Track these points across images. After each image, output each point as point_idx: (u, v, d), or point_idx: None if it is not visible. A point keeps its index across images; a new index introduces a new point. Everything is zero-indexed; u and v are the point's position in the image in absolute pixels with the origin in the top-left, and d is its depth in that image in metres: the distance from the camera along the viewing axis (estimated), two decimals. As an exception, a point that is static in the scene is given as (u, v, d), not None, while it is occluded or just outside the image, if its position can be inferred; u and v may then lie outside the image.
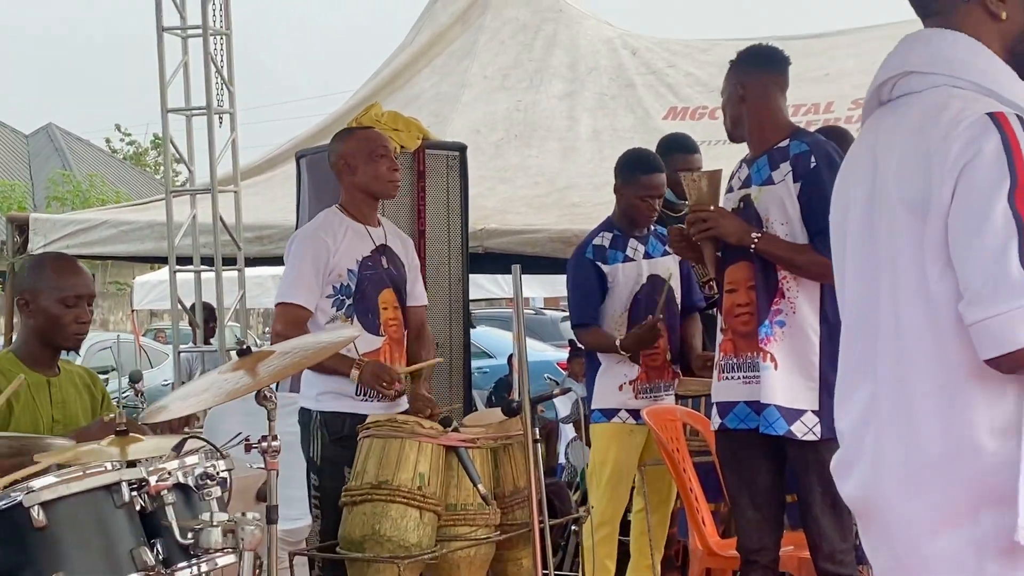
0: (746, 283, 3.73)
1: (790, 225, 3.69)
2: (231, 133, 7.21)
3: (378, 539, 3.62)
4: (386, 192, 4.24)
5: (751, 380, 3.69)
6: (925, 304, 1.86)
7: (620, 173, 4.84)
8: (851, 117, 6.68)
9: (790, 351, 3.66)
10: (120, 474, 2.53)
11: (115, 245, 7.50)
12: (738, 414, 3.72)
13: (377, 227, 4.24)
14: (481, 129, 7.62)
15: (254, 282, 11.57)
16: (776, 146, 3.74)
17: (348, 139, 4.28)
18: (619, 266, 4.78)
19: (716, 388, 3.81)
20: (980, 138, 1.79)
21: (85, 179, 27.57)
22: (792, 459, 3.70)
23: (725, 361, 3.76)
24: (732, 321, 3.76)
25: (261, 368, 2.86)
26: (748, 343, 3.71)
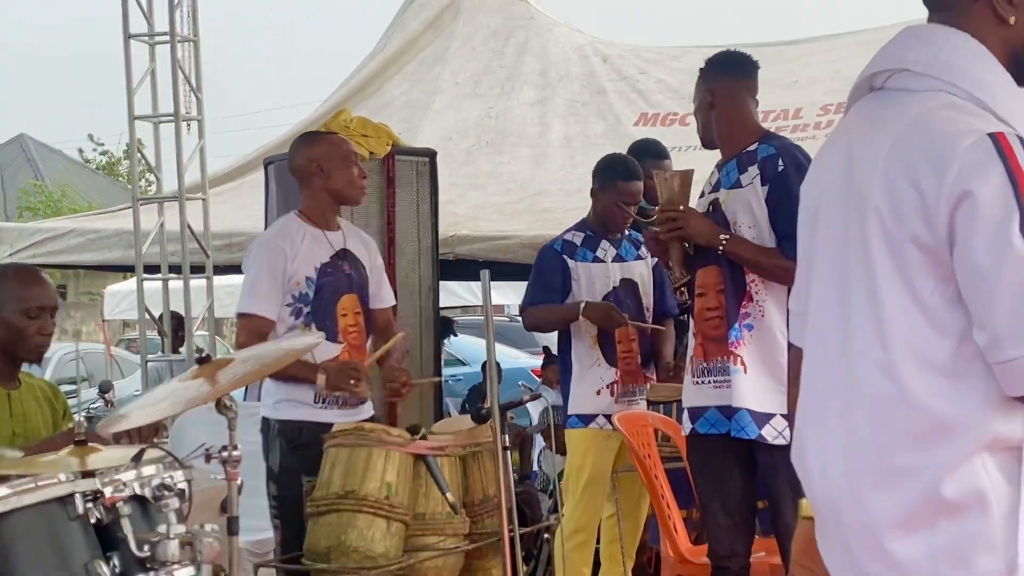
0: (715, 287, 3.71)
1: (758, 228, 3.68)
2: (199, 140, 7.15)
3: (344, 550, 3.56)
4: (357, 198, 4.22)
5: (721, 385, 3.67)
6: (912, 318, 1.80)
7: (599, 177, 4.83)
8: (820, 123, 6.69)
9: (759, 354, 3.64)
10: (74, 485, 2.47)
11: (83, 254, 7.42)
12: (709, 419, 3.70)
13: (336, 231, 4.17)
14: (452, 136, 7.59)
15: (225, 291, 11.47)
16: (745, 150, 3.74)
17: (319, 142, 4.22)
18: (587, 265, 4.77)
19: (687, 393, 3.79)
20: (985, 164, 1.72)
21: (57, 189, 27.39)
22: (762, 464, 3.67)
23: (696, 366, 3.74)
24: (702, 325, 3.74)
25: (221, 376, 2.81)
26: (718, 347, 3.69)
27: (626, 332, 4.76)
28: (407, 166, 5.51)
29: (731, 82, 3.77)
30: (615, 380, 4.72)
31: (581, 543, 4.74)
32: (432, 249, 5.61)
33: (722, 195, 3.75)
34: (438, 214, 5.64)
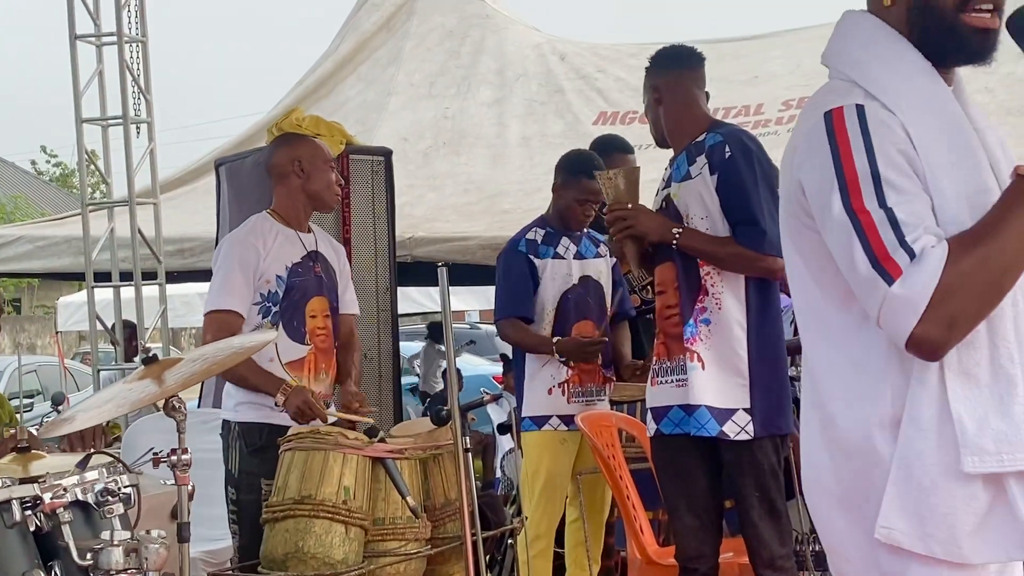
0: (673, 283, 3.64)
1: (711, 219, 3.61)
2: (149, 143, 7.00)
3: (302, 556, 3.45)
4: (332, 203, 4.18)
5: (683, 383, 3.59)
6: (817, 298, 1.93)
7: (561, 173, 4.75)
8: (781, 118, 6.65)
9: (717, 349, 3.56)
10: (10, 491, 2.35)
11: (31, 261, 7.27)
12: (672, 418, 3.63)
13: (308, 233, 4.10)
14: (409, 137, 7.50)
15: (180, 300, 11.32)
16: (694, 141, 3.68)
17: (301, 143, 4.15)
18: (548, 261, 4.68)
19: (651, 393, 3.71)
20: (814, 147, 1.84)
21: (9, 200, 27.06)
22: (727, 462, 3.60)
23: (659, 365, 3.67)
24: (663, 323, 3.68)
25: (168, 376, 2.69)
26: (679, 345, 3.61)
27: (586, 329, 4.68)
28: (362, 165, 5.42)
29: (675, 76, 3.72)
30: (567, 379, 4.64)
31: (542, 550, 4.65)
32: (389, 250, 5.52)
33: (673, 189, 3.68)
34: (394, 214, 5.55)
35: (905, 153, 1.79)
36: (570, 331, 4.65)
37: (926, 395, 1.78)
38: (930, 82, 1.86)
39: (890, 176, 1.77)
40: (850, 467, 1.86)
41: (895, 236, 1.75)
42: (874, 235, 1.76)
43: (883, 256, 1.75)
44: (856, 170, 1.79)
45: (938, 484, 1.77)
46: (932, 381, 1.78)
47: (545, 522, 4.68)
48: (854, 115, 1.82)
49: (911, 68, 1.86)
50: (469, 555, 3.41)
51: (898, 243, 1.74)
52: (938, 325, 1.72)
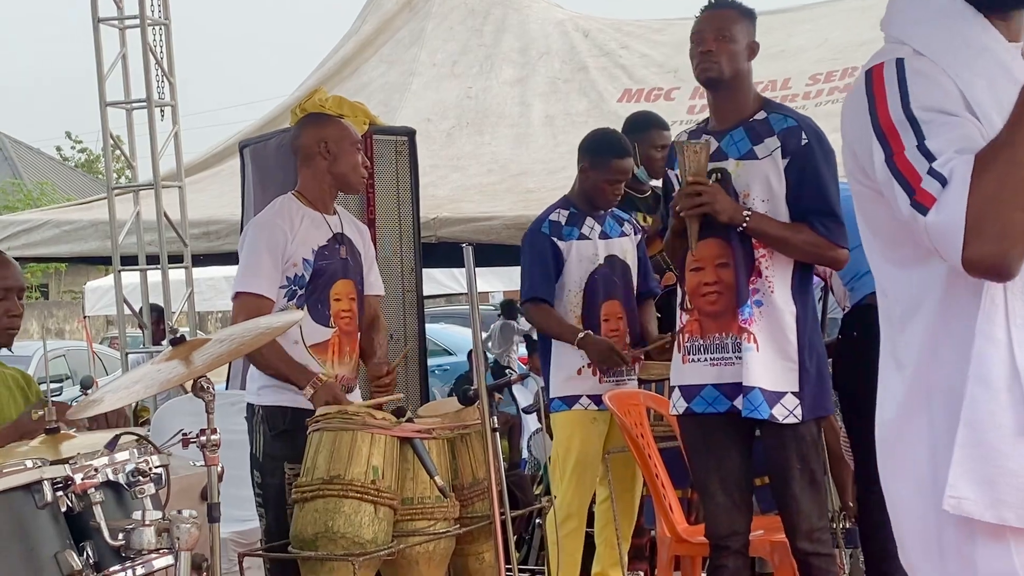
0: (714, 261, 3.59)
1: (772, 202, 3.57)
2: (173, 127, 7.01)
3: (331, 536, 3.45)
4: (358, 186, 4.12)
5: (718, 362, 3.57)
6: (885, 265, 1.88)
7: (588, 154, 4.69)
8: (808, 93, 6.60)
9: (769, 331, 3.54)
10: (41, 472, 2.34)
11: (58, 246, 7.29)
12: (705, 398, 3.59)
13: (333, 215, 4.06)
14: (432, 117, 7.47)
15: (207, 283, 11.36)
16: (753, 118, 3.61)
17: (328, 124, 4.09)
18: (573, 243, 4.65)
19: (680, 371, 3.67)
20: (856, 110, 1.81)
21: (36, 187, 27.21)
22: (767, 440, 3.58)
23: (691, 343, 3.62)
24: (698, 301, 3.62)
25: (196, 357, 2.68)
26: (716, 323, 3.58)
27: (613, 309, 4.65)
28: (386, 146, 5.39)
29: (755, 45, 3.64)
30: None
31: (573, 530, 4.64)
32: (414, 230, 5.50)
33: (731, 165, 3.60)
34: (419, 194, 5.53)
35: (947, 95, 1.73)
36: (598, 312, 4.63)
37: (995, 353, 1.71)
38: (984, 38, 1.79)
39: (925, 116, 1.72)
40: (915, 431, 1.80)
41: (927, 167, 1.69)
42: (910, 172, 1.71)
43: (918, 190, 1.69)
44: (891, 118, 1.74)
45: (1011, 445, 1.69)
46: (1000, 337, 1.71)
47: (576, 502, 4.67)
48: (892, 68, 1.77)
49: (963, 25, 1.80)
50: (498, 534, 3.41)
51: (928, 173, 1.68)
52: (987, 240, 1.63)
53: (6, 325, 3.21)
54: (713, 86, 3.63)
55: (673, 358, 3.72)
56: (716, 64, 3.57)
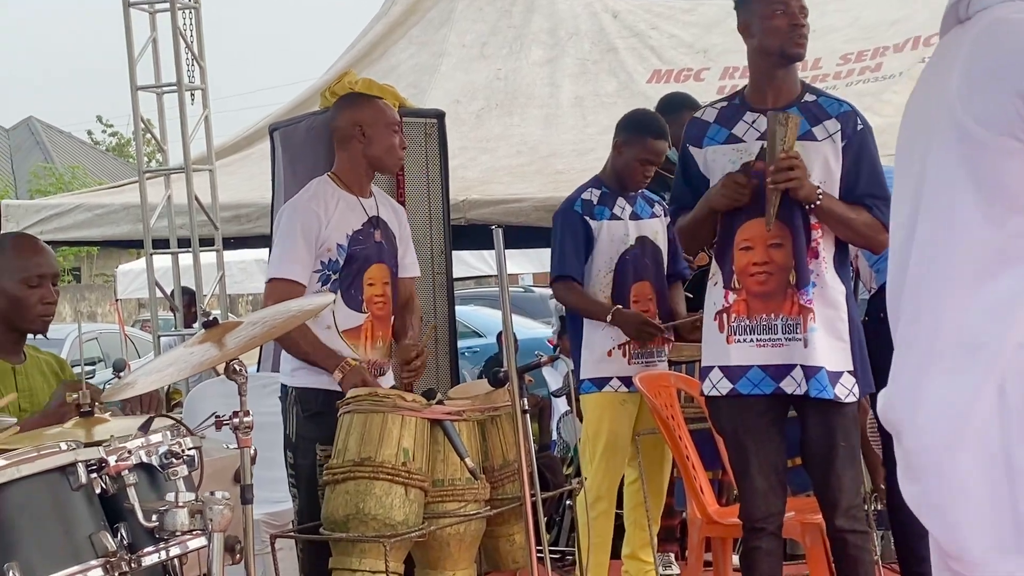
0: (765, 241, 3.57)
1: (828, 185, 3.57)
2: (204, 110, 7.03)
3: (362, 518, 3.47)
4: (394, 168, 4.14)
5: (765, 343, 3.56)
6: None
7: (624, 131, 4.68)
8: (839, 73, 6.55)
9: (826, 312, 3.57)
10: (75, 454, 2.36)
11: (90, 229, 7.33)
12: (751, 379, 3.57)
13: (369, 198, 4.04)
14: (461, 99, 7.46)
15: (237, 266, 11.41)
16: (804, 99, 3.62)
17: (365, 105, 4.06)
18: (604, 223, 4.64)
19: (723, 351, 3.61)
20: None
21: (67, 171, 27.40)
22: (810, 419, 3.58)
23: (737, 323, 3.59)
24: (746, 280, 3.59)
25: (228, 340, 2.70)
26: (764, 304, 3.57)
27: (644, 291, 4.65)
28: (415, 128, 5.39)
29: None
30: (627, 340, 4.61)
31: (603, 512, 4.65)
32: (443, 213, 5.50)
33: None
34: (448, 176, 5.52)
35: None
36: (628, 293, 4.62)
37: None
38: None
39: None
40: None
41: None
42: None
43: None
44: None
45: None
46: None
47: (606, 483, 4.67)
48: None
49: None
50: (528, 516, 3.41)
51: None
52: None
53: (41, 312, 3.22)
54: (793, 61, 3.62)
55: (709, 338, 3.67)
56: (807, 39, 3.58)
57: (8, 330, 3.25)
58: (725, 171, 3.62)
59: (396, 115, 4.08)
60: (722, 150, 3.65)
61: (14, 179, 28.41)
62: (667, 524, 5.26)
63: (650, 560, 4.87)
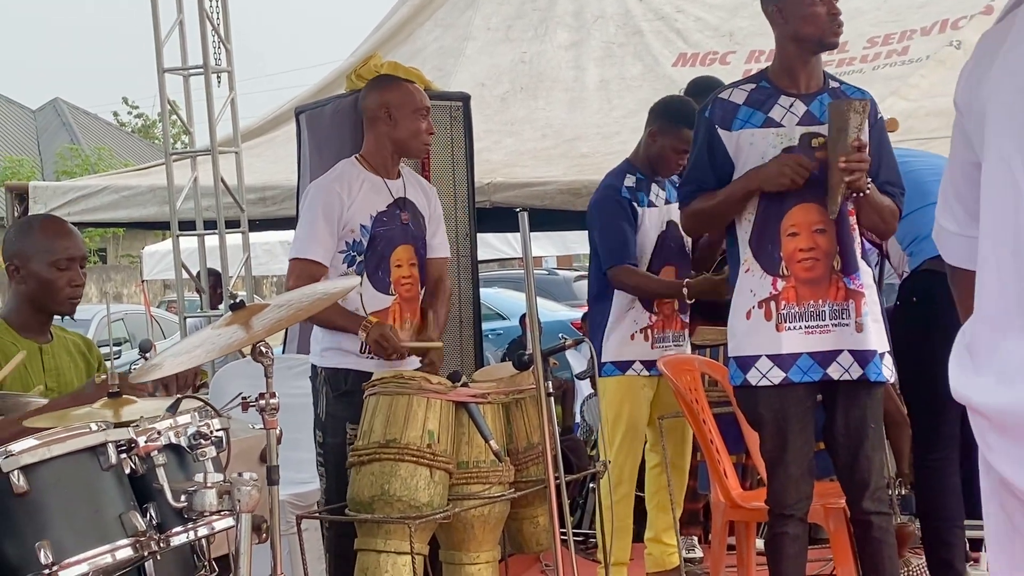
0: (811, 227, 3.57)
1: None
2: (230, 92, 7.05)
3: (388, 499, 3.49)
4: (420, 152, 4.11)
5: (813, 330, 3.56)
6: None
7: (660, 119, 4.66)
8: (866, 56, 6.50)
9: (872, 294, 3.62)
10: (106, 435, 2.39)
11: (117, 211, 7.38)
12: (801, 367, 3.56)
13: (396, 179, 4.05)
14: (486, 82, 7.45)
15: (262, 248, 11.45)
16: (829, 86, 3.63)
17: (394, 88, 4.06)
18: (646, 210, 4.65)
19: (772, 339, 3.57)
20: None
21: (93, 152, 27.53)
22: (843, 402, 3.60)
23: (787, 310, 3.57)
24: (794, 267, 3.58)
25: (255, 322, 2.72)
26: (811, 290, 3.56)
27: (670, 275, 4.65)
28: (440, 111, 5.39)
29: None
30: (650, 324, 4.61)
31: (624, 495, 4.66)
32: (468, 195, 5.51)
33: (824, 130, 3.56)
34: (473, 159, 5.53)
35: None
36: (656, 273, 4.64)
37: None
38: None
39: None
40: None
41: None
42: None
43: None
44: None
45: None
46: None
47: (628, 467, 4.68)
48: None
49: None
50: (553, 498, 3.42)
51: None
52: None
53: (69, 295, 3.25)
54: (828, 50, 3.64)
55: (753, 327, 3.60)
56: (842, 28, 3.60)
57: (36, 311, 3.28)
58: (766, 155, 3.58)
59: (426, 100, 4.07)
60: (761, 133, 3.61)
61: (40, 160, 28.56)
62: (690, 508, 5.27)
63: (673, 543, 4.88)
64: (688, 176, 3.80)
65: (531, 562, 5.10)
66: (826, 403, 3.66)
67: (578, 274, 16.73)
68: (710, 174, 3.68)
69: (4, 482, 2.28)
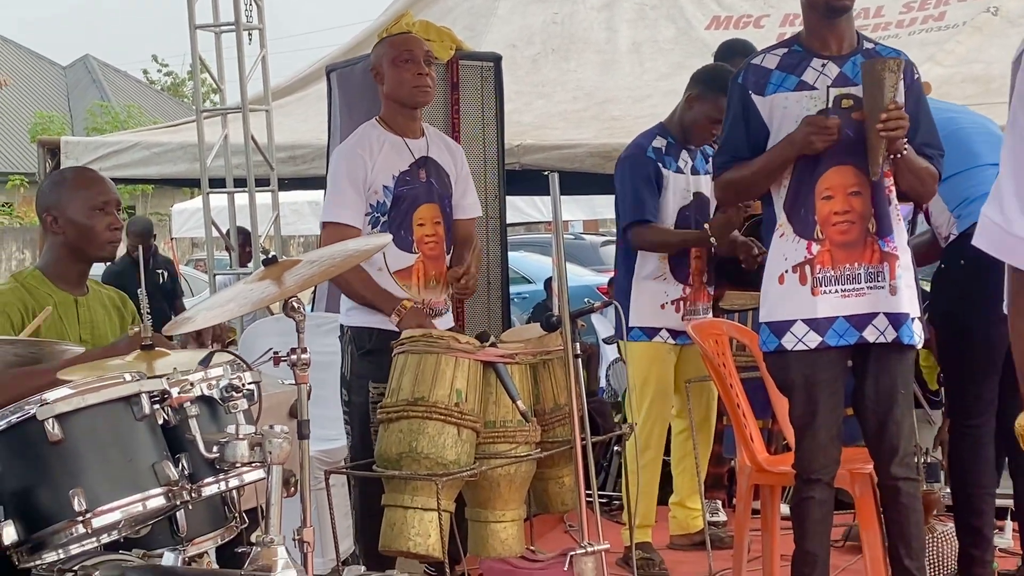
0: (845, 190, 3.55)
1: None
2: (261, 50, 7.05)
3: (415, 456, 3.51)
4: (412, 99, 4.00)
5: (849, 294, 3.55)
6: None
7: (701, 84, 4.63)
8: (902, 21, 6.43)
9: (906, 257, 3.59)
10: (139, 385, 2.41)
11: (147, 167, 7.39)
12: (837, 330, 3.56)
13: (418, 138, 4.05)
14: (517, 43, 7.40)
15: (290, 208, 11.48)
16: (863, 47, 3.59)
17: (379, 47, 4.12)
18: (672, 175, 4.63)
19: (807, 303, 3.56)
20: None
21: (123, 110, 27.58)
22: (873, 367, 3.59)
23: (822, 274, 3.56)
24: (829, 230, 3.56)
25: (287, 277, 2.73)
26: (847, 253, 3.55)
27: (700, 248, 4.64)
28: (471, 71, 5.38)
29: None
30: (683, 296, 4.61)
31: (651, 460, 4.68)
32: (498, 157, 5.50)
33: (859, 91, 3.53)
34: (503, 120, 5.51)
35: None
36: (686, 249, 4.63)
37: None
38: None
39: None
40: None
41: None
42: None
43: None
44: None
45: None
46: None
47: (656, 432, 4.69)
48: None
49: None
50: (579, 459, 3.43)
51: None
52: None
53: (108, 238, 3.26)
54: (838, 14, 3.57)
55: (787, 291, 3.59)
56: None
57: (75, 261, 3.29)
58: (800, 119, 3.55)
59: (406, 47, 4.01)
60: (794, 97, 3.59)
61: (71, 117, 28.65)
62: (715, 472, 5.28)
63: (698, 507, 4.90)
64: (723, 146, 3.77)
65: (555, 522, 5.13)
66: (856, 369, 3.66)
67: (605, 239, 16.70)
68: (744, 143, 3.66)
69: (39, 430, 2.31)
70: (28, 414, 2.32)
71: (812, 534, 3.63)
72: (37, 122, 25.74)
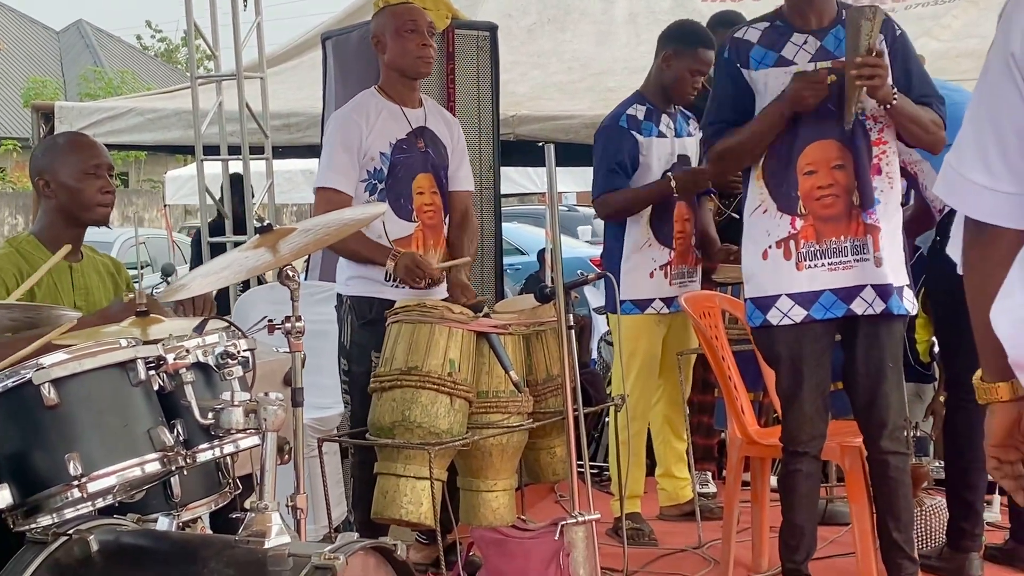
0: (829, 163, 3.56)
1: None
2: (256, 17, 7.02)
3: (408, 425, 3.53)
4: (414, 70, 4.02)
5: (836, 267, 3.56)
6: None
7: (672, 42, 4.61)
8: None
9: (890, 227, 3.58)
10: (135, 351, 2.42)
11: (142, 134, 7.37)
12: (824, 304, 3.58)
13: (416, 108, 4.06)
14: (513, 13, 7.38)
15: (283, 176, 11.46)
16: (842, 18, 3.57)
17: (381, 15, 4.12)
18: (653, 140, 4.61)
19: (791, 278, 3.58)
20: None
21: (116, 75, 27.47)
22: (862, 340, 3.60)
23: (806, 248, 3.58)
24: (812, 205, 3.57)
25: (282, 245, 2.74)
26: (832, 227, 3.56)
27: (681, 211, 4.63)
28: (467, 40, 5.37)
29: None
30: (668, 261, 4.61)
31: (638, 431, 4.70)
32: (493, 127, 5.49)
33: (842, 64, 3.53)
34: (499, 90, 5.50)
35: None
36: (668, 211, 4.61)
37: None
38: None
39: None
40: None
41: None
42: None
43: None
44: None
45: None
46: None
47: (642, 403, 4.72)
48: None
49: None
50: (571, 429, 3.46)
51: None
52: None
53: (100, 201, 3.26)
54: None
55: (770, 266, 3.61)
56: None
57: (69, 226, 3.28)
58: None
59: (410, 16, 4.02)
60: (774, 73, 3.61)
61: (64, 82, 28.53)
62: (705, 444, 5.32)
63: (685, 476, 4.93)
64: (709, 116, 3.77)
65: (546, 492, 5.16)
66: (845, 343, 3.67)
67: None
68: (731, 111, 3.67)
69: (35, 395, 2.31)
70: (24, 378, 2.33)
71: (799, 507, 3.67)
72: (30, 87, 25.63)
